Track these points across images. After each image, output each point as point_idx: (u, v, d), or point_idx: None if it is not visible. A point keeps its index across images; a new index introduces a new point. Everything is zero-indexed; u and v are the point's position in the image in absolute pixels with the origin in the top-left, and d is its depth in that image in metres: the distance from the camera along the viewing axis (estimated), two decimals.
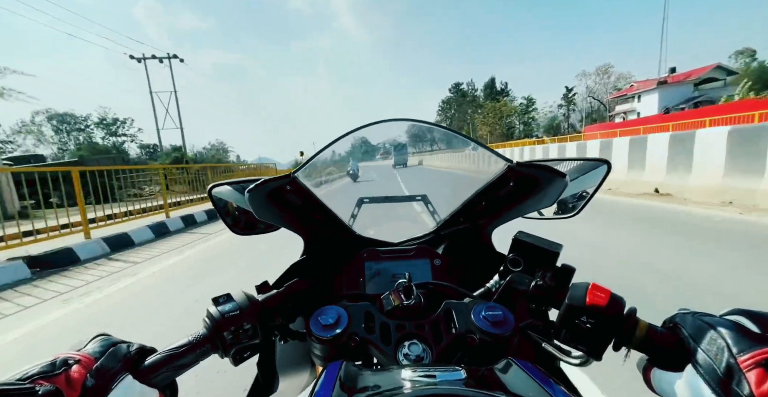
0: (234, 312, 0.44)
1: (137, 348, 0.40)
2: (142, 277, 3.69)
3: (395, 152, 1.55)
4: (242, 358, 0.46)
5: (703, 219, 4.60)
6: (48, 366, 0.33)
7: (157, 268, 4.01)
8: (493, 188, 0.67)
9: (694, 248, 3.40)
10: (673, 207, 5.53)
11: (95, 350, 0.37)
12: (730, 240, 3.62)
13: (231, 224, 0.73)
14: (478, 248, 0.78)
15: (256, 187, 0.58)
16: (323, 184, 0.82)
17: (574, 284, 0.45)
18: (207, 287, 3.17)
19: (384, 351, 0.44)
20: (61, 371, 0.33)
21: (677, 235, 3.95)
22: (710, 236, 3.82)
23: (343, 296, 0.56)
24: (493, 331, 0.44)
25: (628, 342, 0.41)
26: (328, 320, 0.45)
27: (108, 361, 0.36)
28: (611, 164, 0.64)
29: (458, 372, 0.33)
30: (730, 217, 4.59)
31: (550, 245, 0.53)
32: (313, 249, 0.77)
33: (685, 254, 3.22)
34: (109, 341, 0.39)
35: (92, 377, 0.34)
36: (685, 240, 3.72)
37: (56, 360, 0.34)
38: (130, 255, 4.76)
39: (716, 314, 0.39)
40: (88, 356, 0.36)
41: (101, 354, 0.37)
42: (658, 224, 4.55)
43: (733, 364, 0.33)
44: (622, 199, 6.70)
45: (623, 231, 4.30)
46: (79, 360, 0.35)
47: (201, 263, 4.10)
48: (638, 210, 5.57)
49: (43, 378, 0.32)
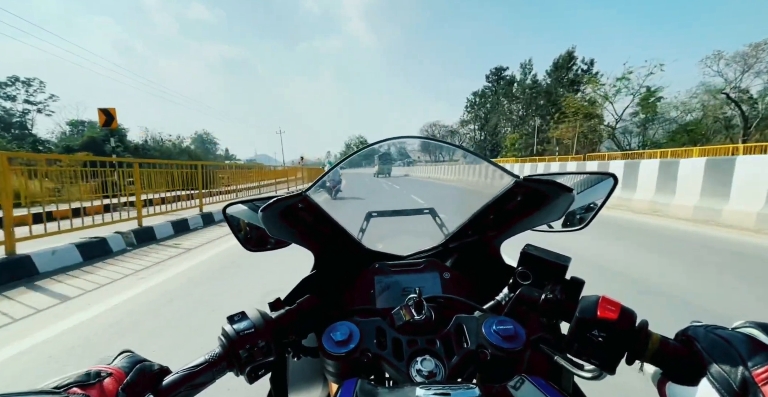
0: (249, 330, 0.45)
1: (158, 367, 0.41)
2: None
3: (380, 161, 1.49)
4: (257, 375, 0.46)
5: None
6: (83, 376, 0.35)
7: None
8: (501, 202, 0.67)
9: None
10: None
11: (124, 366, 0.39)
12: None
13: (243, 241, 0.74)
14: (487, 261, 0.78)
15: (269, 206, 0.60)
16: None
17: (584, 297, 0.45)
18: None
19: (397, 367, 0.45)
20: (95, 381, 0.35)
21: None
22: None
23: (354, 311, 0.57)
24: (504, 346, 0.44)
25: (641, 355, 0.41)
26: (339, 337, 0.46)
27: (135, 377, 0.37)
28: (617, 178, 0.64)
29: (473, 390, 0.33)
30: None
31: (559, 257, 0.54)
32: (323, 264, 0.79)
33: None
34: (134, 358, 0.41)
35: (123, 391, 0.35)
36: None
37: (90, 371, 0.36)
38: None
39: (728, 326, 0.39)
40: (119, 370, 0.38)
41: (130, 369, 0.38)
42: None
43: (749, 377, 0.33)
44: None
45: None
46: (111, 374, 0.37)
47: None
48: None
49: (78, 387, 0.34)
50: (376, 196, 1.30)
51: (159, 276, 3.66)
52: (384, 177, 1.55)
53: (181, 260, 4.31)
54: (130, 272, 3.88)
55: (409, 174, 1.95)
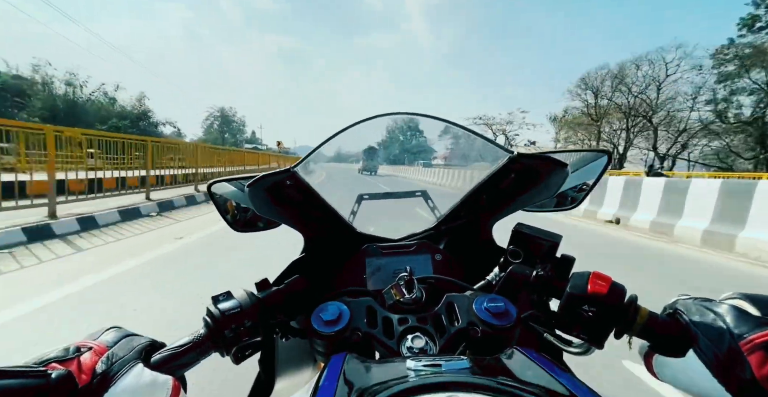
0: (234, 310, 0.44)
1: (148, 341, 0.40)
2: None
3: (365, 156, 1.39)
4: (243, 356, 0.45)
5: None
6: (62, 352, 0.35)
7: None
8: (495, 180, 0.67)
9: None
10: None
11: (107, 340, 0.39)
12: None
13: (231, 222, 0.72)
14: (479, 243, 0.78)
15: (256, 181, 0.58)
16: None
17: (575, 274, 0.45)
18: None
19: (387, 345, 0.44)
20: (73, 356, 0.35)
21: None
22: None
23: (344, 292, 0.56)
24: (495, 322, 0.44)
25: (630, 330, 0.41)
26: (329, 316, 0.45)
27: (120, 349, 0.37)
28: (612, 156, 0.64)
29: (463, 361, 0.33)
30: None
31: (550, 235, 0.54)
32: (313, 246, 0.77)
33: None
34: (122, 332, 0.41)
35: (103, 363, 0.35)
36: None
37: (70, 347, 0.36)
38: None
39: (716, 298, 0.40)
40: (100, 344, 0.38)
41: (114, 344, 0.38)
42: None
43: (735, 347, 0.33)
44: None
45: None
46: (92, 348, 0.37)
47: None
48: None
49: (56, 362, 0.34)
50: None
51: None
52: (369, 175, 1.47)
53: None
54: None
55: (397, 175, 1.84)
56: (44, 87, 32.35)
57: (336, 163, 1.03)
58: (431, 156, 1.65)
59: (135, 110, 36.91)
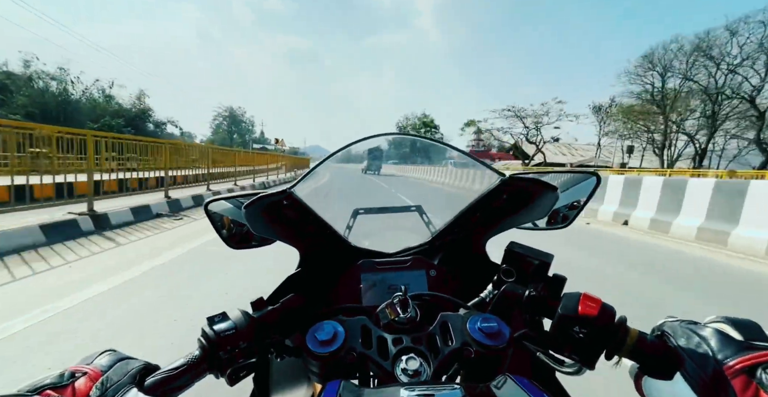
0: (230, 331, 0.44)
1: (141, 364, 0.40)
2: None
3: (369, 157, 1.39)
4: (238, 377, 0.45)
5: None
6: (57, 378, 0.35)
7: None
8: (487, 201, 0.68)
9: None
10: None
11: (102, 364, 0.39)
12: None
13: (226, 238, 0.73)
14: (473, 258, 0.78)
15: (253, 203, 0.59)
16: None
17: (566, 294, 0.46)
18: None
19: (382, 366, 0.45)
20: (68, 382, 0.35)
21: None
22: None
23: (339, 310, 0.56)
24: (488, 343, 0.44)
25: (620, 351, 0.42)
26: (324, 336, 0.45)
27: (114, 374, 0.37)
28: (600, 177, 0.66)
29: (456, 391, 0.33)
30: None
31: (542, 255, 0.55)
32: (308, 261, 0.78)
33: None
34: (117, 356, 0.41)
35: (98, 388, 0.35)
36: None
37: (65, 372, 0.36)
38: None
39: (701, 321, 0.40)
40: (95, 369, 0.37)
41: (108, 368, 0.38)
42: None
43: (719, 371, 0.34)
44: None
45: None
46: (87, 373, 0.36)
47: None
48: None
49: (51, 389, 0.34)
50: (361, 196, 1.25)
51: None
52: (372, 174, 1.49)
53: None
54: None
55: (400, 174, 1.84)
56: (28, 82, 30.19)
57: (340, 164, 1.05)
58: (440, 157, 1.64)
59: (134, 108, 35.40)
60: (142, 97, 36.24)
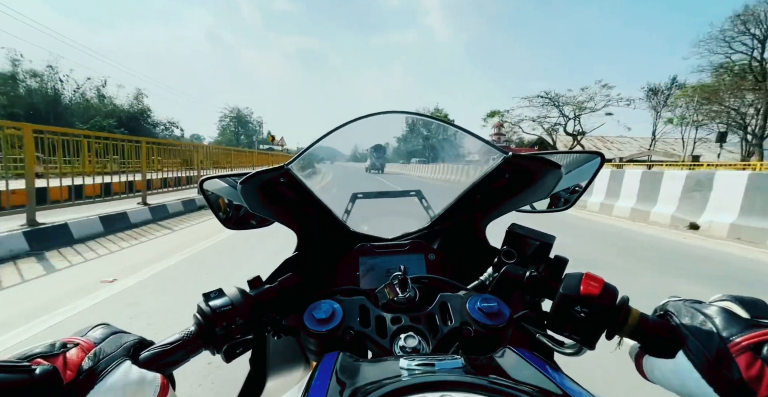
0: (226, 307, 0.43)
1: (136, 339, 0.40)
2: None
3: (372, 155, 1.37)
4: (234, 354, 0.45)
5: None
6: (47, 347, 0.34)
7: None
8: (489, 181, 0.67)
9: None
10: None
11: (95, 337, 0.38)
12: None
13: (223, 219, 0.71)
14: (472, 243, 0.78)
15: (249, 178, 0.58)
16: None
17: (568, 274, 0.45)
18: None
19: (380, 344, 0.44)
20: (59, 352, 0.34)
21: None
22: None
23: (337, 291, 0.56)
24: (488, 322, 0.44)
25: (621, 331, 0.41)
26: (322, 315, 0.45)
27: (108, 347, 0.37)
28: (604, 157, 0.64)
29: (457, 361, 0.33)
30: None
31: (543, 236, 0.54)
32: (306, 245, 0.77)
33: None
34: (110, 329, 0.40)
35: (90, 359, 0.35)
36: None
37: (56, 342, 0.35)
38: None
39: (706, 301, 0.40)
40: (87, 340, 0.37)
41: (102, 341, 0.38)
42: None
43: (723, 349, 0.34)
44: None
45: None
46: (78, 344, 0.36)
47: None
48: None
49: (41, 358, 0.33)
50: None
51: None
52: (376, 173, 1.47)
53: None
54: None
55: (406, 173, 1.80)
56: (11, 81, 28.06)
57: (343, 163, 1.03)
58: (440, 154, 1.60)
59: (132, 109, 33.36)
60: (139, 97, 34.30)
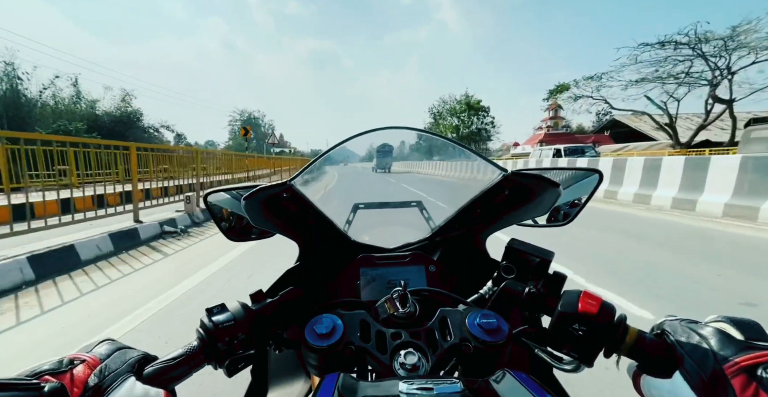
0: (228, 322, 0.44)
1: (140, 354, 0.40)
2: None
3: (378, 154, 1.38)
4: (236, 369, 0.45)
5: None
6: (55, 364, 0.35)
7: None
8: (488, 196, 0.68)
9: None
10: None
11: (101, 353, 0.39)
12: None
13: (226, 230, 0.72)
14: (473, 255, 0.78)
15: (252, 194, 0.59)
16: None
17: (566, 292, 0.46)
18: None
19: (380, 361, 0.44)
20: (67, 369, 0.35)
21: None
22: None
23: (338, 304, 0.56)
24: (487, 339, 0.44)
25: (618, 349, 0.42)
26: (323, 330, 0.45)
27: (113, 363, 0.38)
28: (602, 174, 0.65)
29: (455, 385, 0.33)
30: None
31: (542, 252, 0.54)
32: (308, 255, 0.77)
33: None
34: (115, 345, 0.41)
35: (96, 376, 0.35)
36: None
37: (64, 359, 0.36)
38: None
39: (701, 320, 0.40)
40: (93, 357, 0.38)
41: (107, 357, 0.38)
42: None
43: (719, 370, 0.34)
44: None
45: None
46: (85, 360, 0.37)
47: None
48: None
49: (49, 375, 0.34)
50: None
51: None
52: (383, 172, 1.47)
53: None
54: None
55: (413, 171, 1.80)
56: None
57: (354, 163, 1.03)
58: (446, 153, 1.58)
59: (118, 111, 27.40)
60: (127, 99, 28.16)
